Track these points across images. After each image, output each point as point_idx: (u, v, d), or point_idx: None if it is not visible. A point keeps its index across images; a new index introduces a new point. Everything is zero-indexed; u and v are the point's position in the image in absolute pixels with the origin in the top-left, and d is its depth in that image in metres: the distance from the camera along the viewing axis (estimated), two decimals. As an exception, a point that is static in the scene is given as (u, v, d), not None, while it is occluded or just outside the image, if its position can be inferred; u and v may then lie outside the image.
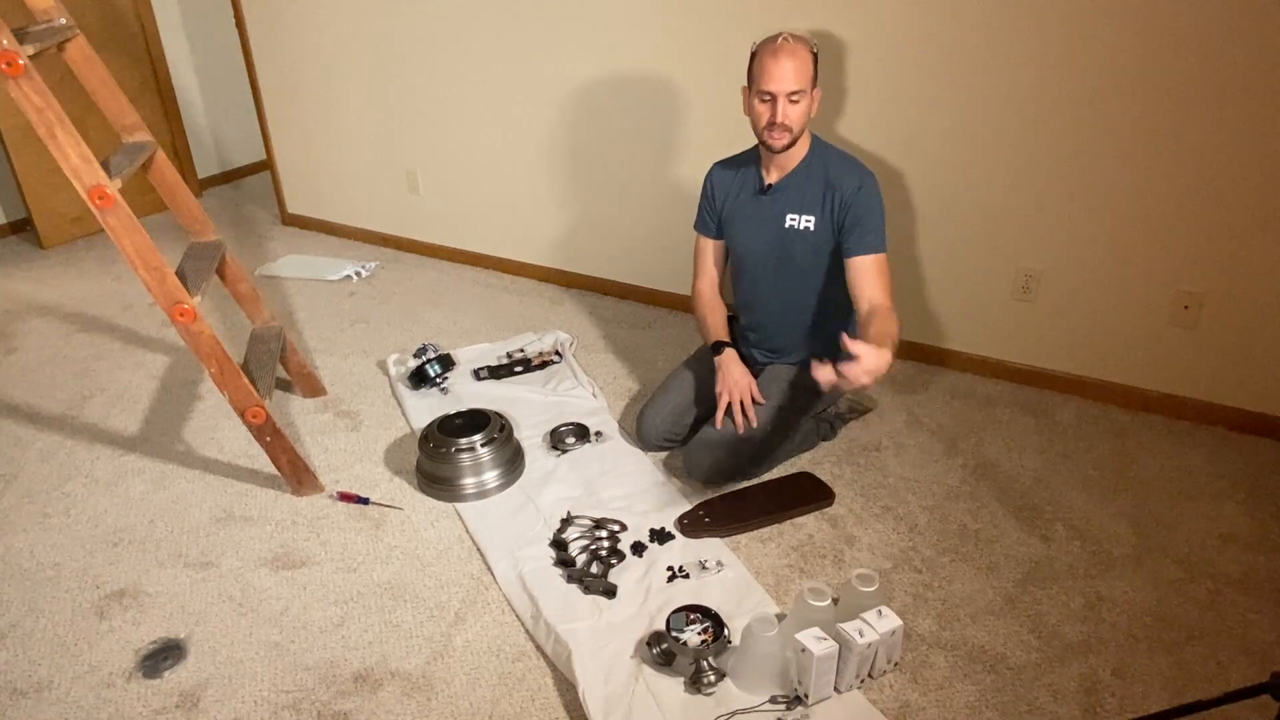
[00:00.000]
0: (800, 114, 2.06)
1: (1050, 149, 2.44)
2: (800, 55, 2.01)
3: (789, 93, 2.02)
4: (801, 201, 2.18)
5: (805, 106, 2.06)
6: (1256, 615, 1.84)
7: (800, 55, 2.01)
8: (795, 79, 2.01)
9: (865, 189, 2.12)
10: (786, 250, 2.22)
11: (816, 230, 2.17)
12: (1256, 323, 2.36)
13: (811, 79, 2.05)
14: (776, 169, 2.20)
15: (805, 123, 2.10)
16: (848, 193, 2.11)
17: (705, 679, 1.65)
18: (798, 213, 2.18)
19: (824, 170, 2.15)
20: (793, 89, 2.01)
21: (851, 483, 2.29)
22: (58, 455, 2.51)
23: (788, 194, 2.19)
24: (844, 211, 2.12)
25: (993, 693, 1.67)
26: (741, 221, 2.30)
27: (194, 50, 4.79)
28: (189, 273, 2.23)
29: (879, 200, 2.14)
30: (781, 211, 2.20)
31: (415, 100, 3.58)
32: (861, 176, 2.13)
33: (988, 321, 2.73)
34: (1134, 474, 2.30)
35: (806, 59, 2.03)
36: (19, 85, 1.83)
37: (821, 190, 2.15)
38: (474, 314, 3.35)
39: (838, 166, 2.15)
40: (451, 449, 2.23)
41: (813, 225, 2.17)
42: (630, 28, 2.93)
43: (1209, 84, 2.19)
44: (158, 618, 1.91)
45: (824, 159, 2.17)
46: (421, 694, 1.70)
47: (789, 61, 2.00)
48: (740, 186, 2.29)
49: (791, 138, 2.09)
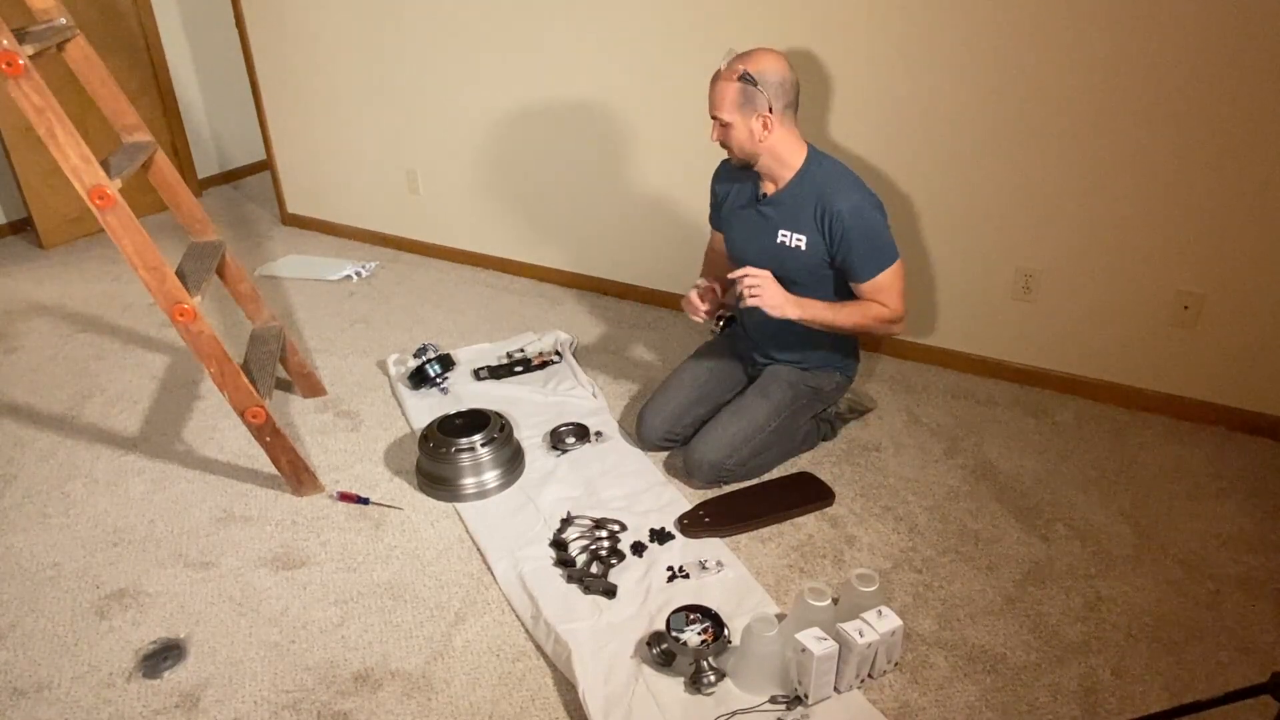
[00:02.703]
0: (734, 139, 2.07)
1: (1050, 149, 2.44)
2: (721, 84, 2.03)
3: (712, 115, 2.07)
4: (795, 220, 2.14)
5: (737, 133, 2.06)
6: (1256, 615, 1.84)
7: (721, 84, 2.03)
8: (714, 105, 2.05)
9: (858, 212, 2.06)
10: (780, 265, 2.18)
11: (809, 249, 2.14)
12: (1256, 323, 2.36)
13: (736, 106, 2.02)
14: (770, 180, 2.19)
15: (749, 147, 2.08)
16: (839, 217, 2.06)
17: (705, 679, 1.65)
18: (790, 230, 2.15)
19: (817, 190, 2.10)
20: (713, 113, 2.06)
21: (851, 483, 2.29)
22: (58, 455, 2.51)
23: (781, 209, 2.16)
24: (838, 238, 2.08)
25: (993, 693, 1.67)
26: (739, 227, 2.30)
27: (194, 50, 4.79)
28: (189, 273, 2.23)
29: (876, 219, 2.09)
30: (775, 227, 2.18)
31: (415, 100, 3.58)
32: (855, 198, 2.07)
33: (988, 321, 2.73)
34: (1134, 474, 2.30)
35: (729, 88, 2.02)
36: (19, 85, 1.83)
37: (814, 210, 2.11)
38: (474, 314, 3.35)
39: (831, 186, 2.09)
40: (451, 449, 2.23)
41: (804, 245, 2.14)
42: (630, 29, 2.93)
43: (1209, 84, 2.19)
44: (158, 618, 1.91)
45: (817, 176, 2.12)
46: (421, 694, 1.70)
47: (711, 88, 2.06)
48: (739, 190, 2.29)
49: (737, 159, 2.13)
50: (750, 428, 2.21)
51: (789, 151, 2.11)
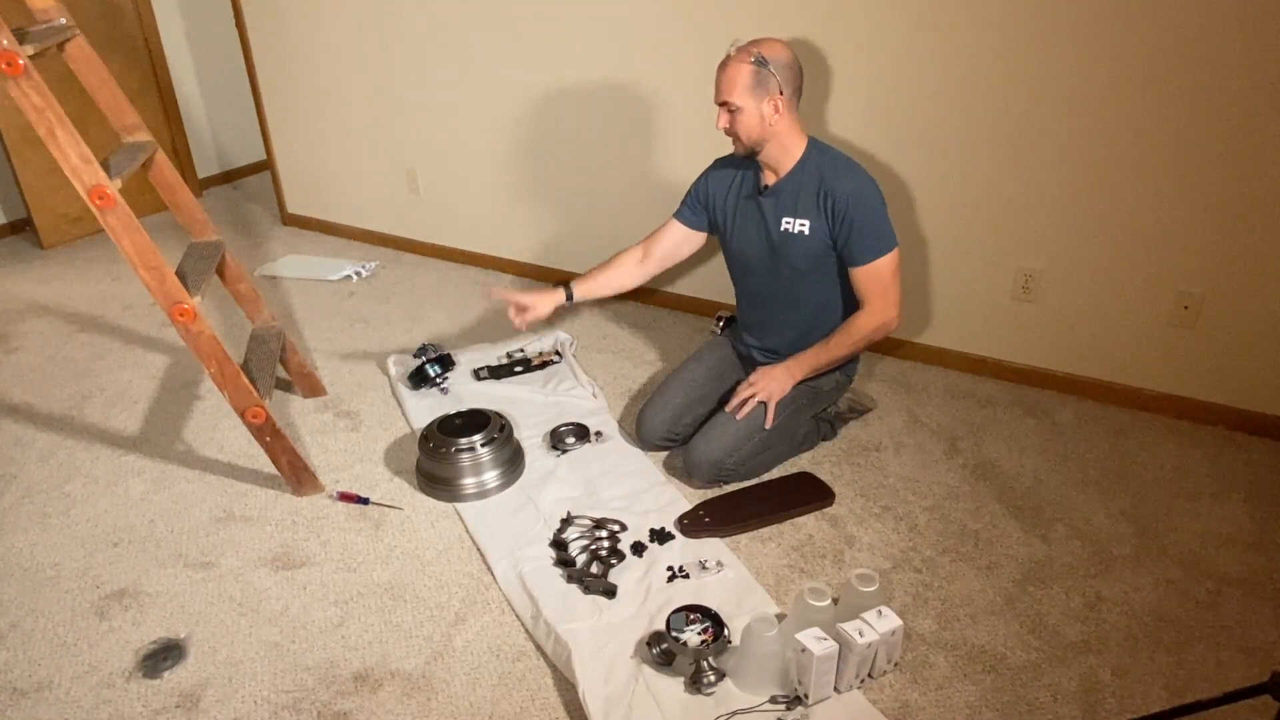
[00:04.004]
0: (744, 124, 2.07)
1: (1050, 149, 2.44)
2: (733, 67, 2.03)
3: (719, 101, 2.07)
4: (797, 205, 2.17)
5: (745, 118, 2.06)
6: (1256, 615, 1.84)
7: (733, 67, 2.03)
8: (725, 89, 2.04)
9: (860, 194, 2.09)
10: (783, 252, 2.22)
11: (812, 234, 2.16)
12: (1256, 323, 2.36)
13: (749, 90, 2.03)
14: (771, 172, 2.20)
15: (757, 133, 2.08)
16: (841, 198, 2.09)
17: (705, 679, 1.65)
18: (793, 216, 2.17)
19: (819, 174, 2.13)
20: (721, 98, 2.06)
21: (851, 483, 2.29)
22: (58, 455, 2.51)
23: (783, 196, 2.18)
24: (840, 218, 2.11)
25: (993, 693, 1.67)
26: (739, 221, 2.30)
27: (194, 50, 4.79)
28: (189, 273, 2.23)
29: (877, 204, 2.12)
30: (778, 214, 2.20)
31: (415, 100, 3.58)
32: (857, 181, 2.10)
33: (988, 321, 2.73)
34: (1134, 474, 2.30)
35: (737, 71, 2.03)
36: (19, 85, 1.83)
37: (816, 194, 2.13)
38: (474, 314, 3.35)
39: (833, 170, 2.12)
40: (451, 449, 2.23)
41: (808, 229, 2.16)
42: (630, 30, 2.93)
43: (1209, 84, 2.19)
44: (158, 618, 1.91)
45: (819, 162, 2.14)
46: (421, 694, 1.70)
47: (720, 73, 2.05)
48: (739, 186, 2.29)
49: (743, 146, 2.12)
50: (750, 427, 2.21)
51: (793, 139, 2.13)
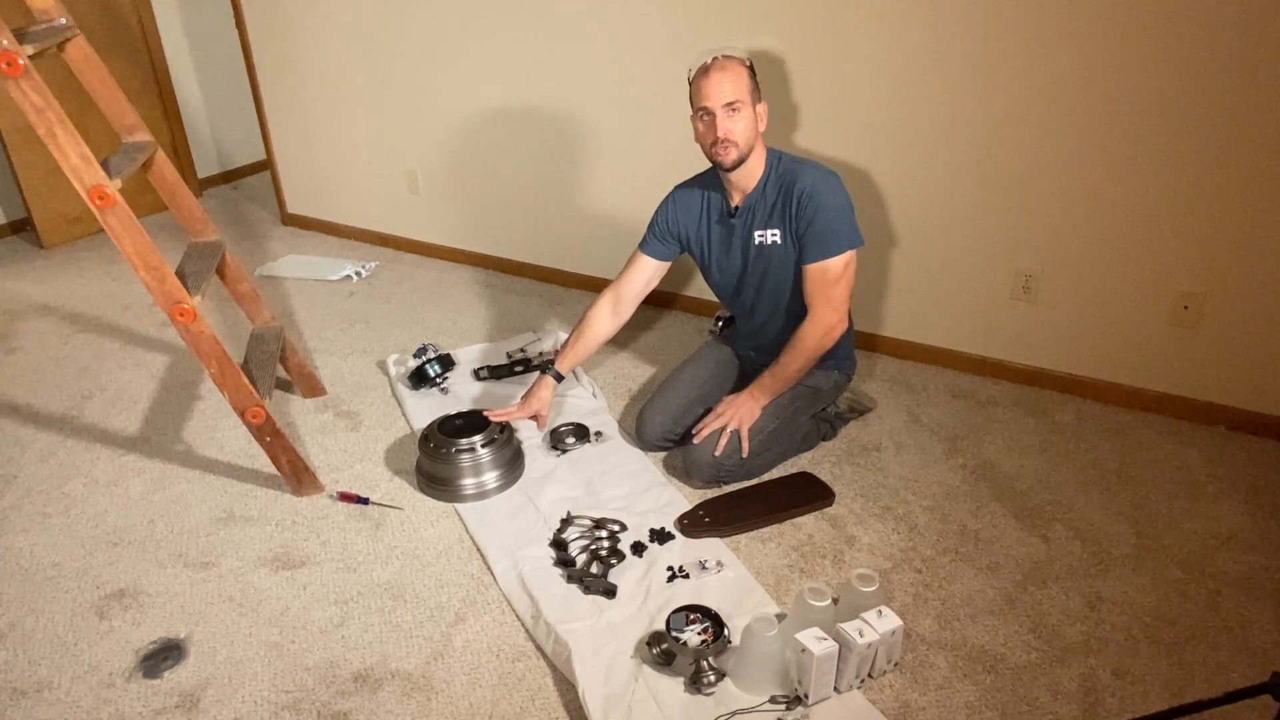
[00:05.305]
0: (744, 126, 2.05)
1: (1050, 149, 2.43)
2: (731, 68, 2.02)
3: (725, 103, 2.02)
4: (768, 216, 2.17)
5: (747, 118, 2.05)
6: (1256, 615, 1.84)
7: (731, 68, 2.02)
8: (731, 89, 2.02)
9: (815, 192, 2.07)
10: (763, 265, 2.22)
11: (784, 241, 2.17)
12: (1256, 323, 2.36)
13: (750, 91, 2.04)
14: (738, 191, 2.19)
15: (752, 136, 2.07)
16: (799, 196, 2.09)
17: (705, 679, 1.65)
18: (764, 228, 2.18)
19: (780, 180, 2.14)
20: (729, 99, 2.02)
21: (851, 483, 2.29)
22: (58, 455, 2.51)
23: (754, 212, 2.18)
24: (798, 217, 2.11)
25: (993, 693, 1.67)
26: (717, 249, 2.30)
27: (194, 50, 4.79)
28: (189, 273, 2.23)
29: (836, 201, 2.09)
30: (750, 230, 2.20)
31: (415, 100, 3.58)
32: (813, 179, 2.09)
33: (988, 321, 2.73)
34: (1134, 474, 2.30)
35: (739, 72, 2.03)
36: (19, 85, 1.83)
37: (779, 199, 2.13)
38: (474, 314, 3.35)
39: (791, 172, 2.12)
40: (451, 449, 2.23)
41: (779, 237, 2.16)
42: (630, 30, 2.93)
43: (1209, 83, 2.19)
44: (158, 618, 1.91)
45: (780, 170, 2.14)
46: (421, 694, 1.70)
47: (719, 74, 2.02)
48: (707, 212, 2.28)
49: (739, 152, 2.07)
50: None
51: (760, 148, 2.14)
